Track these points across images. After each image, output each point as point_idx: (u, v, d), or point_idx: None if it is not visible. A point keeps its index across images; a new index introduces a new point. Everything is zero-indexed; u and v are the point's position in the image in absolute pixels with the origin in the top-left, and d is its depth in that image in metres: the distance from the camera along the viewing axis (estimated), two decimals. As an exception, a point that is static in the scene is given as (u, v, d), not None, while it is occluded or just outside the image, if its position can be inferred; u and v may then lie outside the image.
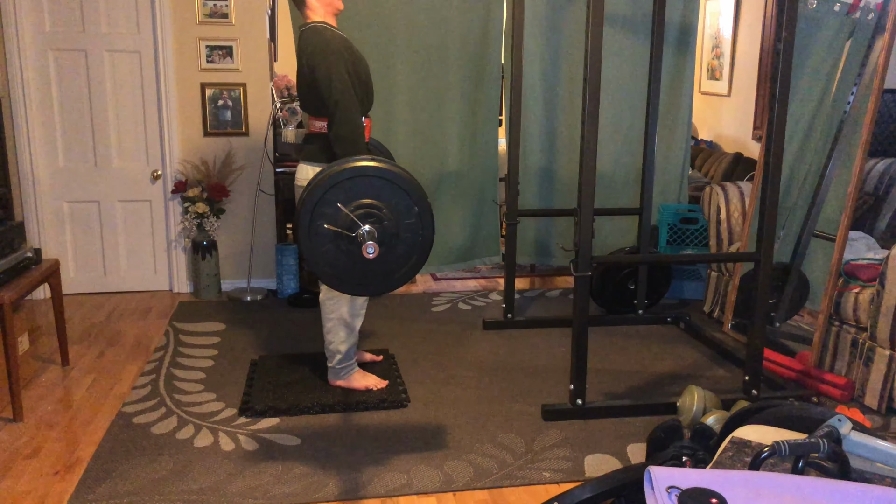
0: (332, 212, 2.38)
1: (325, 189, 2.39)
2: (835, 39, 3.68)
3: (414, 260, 2.51)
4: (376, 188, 2.42)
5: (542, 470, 2.67)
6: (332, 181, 2.39)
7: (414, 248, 2.50)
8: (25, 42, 4.33)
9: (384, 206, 2.42)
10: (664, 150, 4.53)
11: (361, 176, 2.41)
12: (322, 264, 2.44)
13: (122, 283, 4.75)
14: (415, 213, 2.46)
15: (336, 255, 2.43)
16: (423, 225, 2.48)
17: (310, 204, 2.39)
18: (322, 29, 3.08)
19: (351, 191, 2.40)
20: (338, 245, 2.42)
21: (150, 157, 4.62)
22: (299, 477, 2.60)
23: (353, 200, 2.40)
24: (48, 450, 2.79)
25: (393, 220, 2.43)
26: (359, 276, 2.47)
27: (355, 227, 2.38)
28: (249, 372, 3.49)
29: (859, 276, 3.36)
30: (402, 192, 2.44)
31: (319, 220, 2.39)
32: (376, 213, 2.41)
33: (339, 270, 2.46)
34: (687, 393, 3.02)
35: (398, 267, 2.50)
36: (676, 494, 1.36)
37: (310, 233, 2.40)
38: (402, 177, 2.44)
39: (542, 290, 4.96)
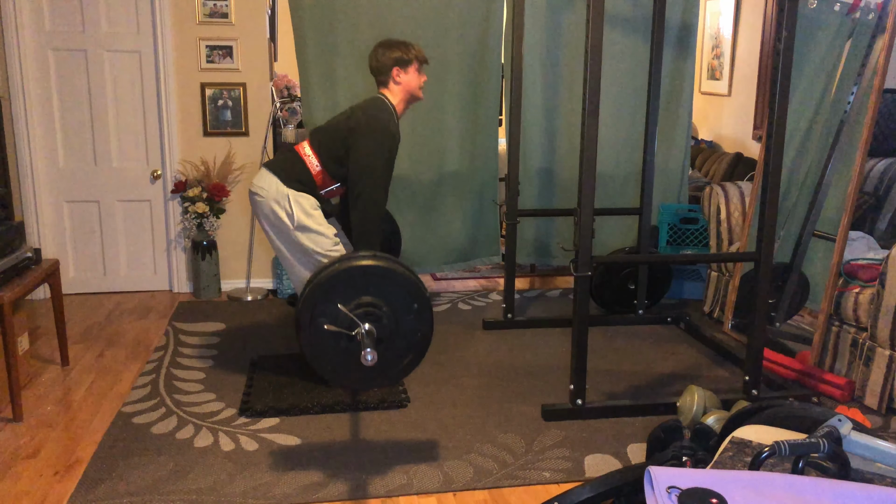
0: (332, 310, 2.45)
1: (325, 288, 2.45)
2: (835, 39, 3.68)
3: (411, 357, 2.58)
4: (376, 286, 2.48)
5: (542, 470, 2.67)
6: (333, 280, 2.45)
7: (412, 345, 2.56)
8: (25, 42, 4.33)
9: (384, 303, 2.48)
10: (664, 150, 4.53)
11: (363, 275, 2.48)
12: (320, 360, 2.51)
13: (122, 283, 4.75)
14: (414, 309, 2.52)
15: (334, 352, 2.50)
16: (421, 322, 2.54)
17: (311, 301, 2.45)
18: (388, 109, 3.18)
19: (352, 288, 2.47)
20: (338, 343, 2.48)
21: (150, 157, 4.62)
22: (299, 477, 2.60)
23: (354, 298, 2.46)
24: (48, 450, 2.79)
25: (392, 318, 2.49)
26: (355, 372, 2.54)
27: (354, 326, 2.44)
28: (249, 372, 3.48)
29: (859, 276, 3.36)
30: (401, 289, 2.50)
31: (320, 319, 2.45)
32: (375, 312, 2.47)
33: (337, 366, 2.53)
34: (687, 393, 3.02)
35: (395, 363, 2.57)
36: (676, 494, 1.36)
37: (310, 330, 2.47)
38: (402, 275, 2.51)
39: (542, 290, 4.96)
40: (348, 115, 3.21)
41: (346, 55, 4.10)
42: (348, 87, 4.13)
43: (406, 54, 3.22)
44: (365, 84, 4.13)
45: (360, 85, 4.13)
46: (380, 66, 3.23)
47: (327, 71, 4.10)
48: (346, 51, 4.09)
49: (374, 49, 3.26)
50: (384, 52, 3.22)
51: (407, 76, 3.24)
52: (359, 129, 3.08)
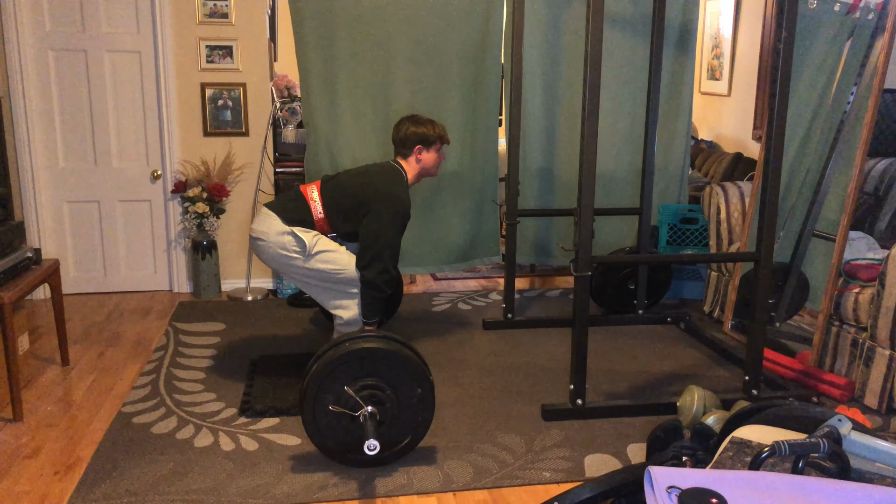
0: (337, 389, 2.52)
1: (332, 367, 2.52)
2: (835, 39, 3.68)
3: (408, 441, 2.64)
4: (383, 368, 2.55)
5: (542, 470, 2.67)
6: (340, 360, 2.52)
7: (412, 428, 2.63)
8: (25, 42, 4.33)
9: (388, 387, 2.55)
10: (664, 150, 4.53)
11: (371, 357, 2.54)
12: (323, 437, 2.58)
13: (122, 283, 4.75)
14: (417, 394, 2.59)
15: (336, 430, 2.56)
16: (423, 407, 2.62)
17: (317, 379, 2.51)
18: (403, 180, 3.26)
19: (357, 370, 2.54)
20: (340, 422, 2.55)
21: (150, 157, 4.62)
22: (299, 477, 2.60)
23: (359, 380, 2.53)
24: (48, 450, 2.79)
25: (395, 402, 2.57)
26: (353, 450, 2.59)
27: (358, 407, 2.50)
28: (249, 372, 3.49)
29: (859, 276, 3.36)
30: (407, 373, 2.57)
31: (325, 395, 2.52)
32: (379, 395, 2.54)
33: (337, 443, 2.59)
34: (687, 393, 3.02)
35: (394, 445, 2.63)
36: (676, 494, 1.36)
37: (314, 407, 2.53)
38: (409, 359, 2.57)
39: (542, 290, 4.96)
40: (366, 178, 3.27)
41: (346, 55, 4.09)
42: (348, 86, 4.13)
43: (431, 133, 3.33)
44: (365, 84, 4.13)
45: (359, 85, 4.13)
46: (404, 140, 3.33)
47: (327, 71, 4.10)
48: (346, 51, 4.09)
49: (402, 121, 3.36)
50: (409, 127, 3.32)
51: (428, 155, 3.36)
52: (377, 198, 3.16)
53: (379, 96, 4.15)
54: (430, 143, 3.34)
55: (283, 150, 4.66)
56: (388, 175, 3.26)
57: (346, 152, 4.16)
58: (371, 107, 4.16)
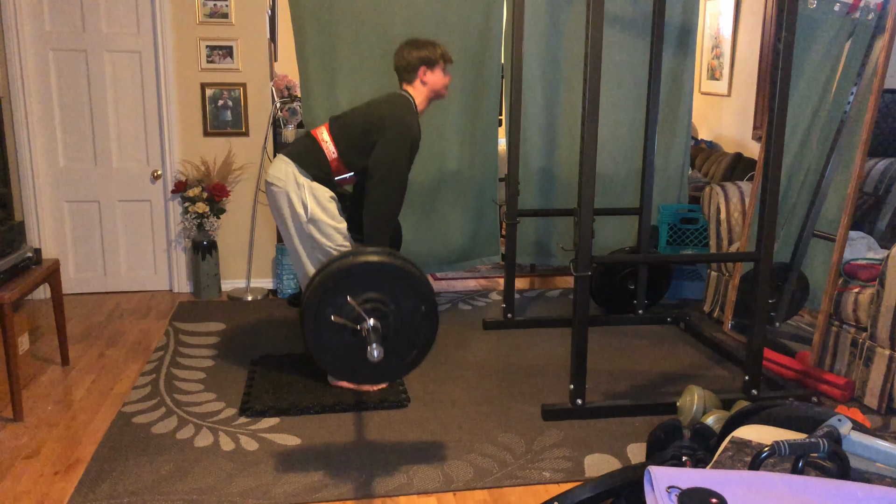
0: (340, 302, 2.42)
1: (336, 279, 2.42)
2: (835, 39, 3.68)
3: (412, 357, 2.55)
4: (386, 283, 2.45)
5: (542, 470, 2.67)
6: (344, 273, 2.42)
7: (414, 345, 2.53)
8: (25, 42, 4.33)
9: (391, 302, 2.46)
10: (664, 150, 4.53)
11: (373, 271, 2.45)
12: (323, 351, 2.48)
13: (122, 283, 4.75)
14: (421, 312, 2.49)
15: (338, 344, 2.46)
16: (427, 325, 2.52)
17: (319, 291, 2.42)
18: (411, 107, 3.17)
19: (361, 283, 2.43)
20: (341, 335, 2.45)
21: (151, 157, 4.62)
22: (299, 477, 2.60)
23: (362, 293, 2.43)
24: (48, 450, 2.79)
25: (398, 317, 2.47)
26: (356, 367, 2.51)
27: (360, 320, 2.41)
28: (249, 372, 3.49)
29: (859, 276, 3.36)
30: (412, 290, 2.47)
31: (327, 308, 2.42)
32: (382, 309, 2.44)
33: (339, 358, 2.49)
34: (687, 393, 3.02)
35: (396, 362, 2.54)
36: (676, 494, 1.36)
37: (316, 319, 2.43)
38: (413, 275, 2.48)
39: (542, 290, 4.96)
40: (372, 108, 3.20)
41: (346, 55, 4.09)
42: (348, 86, 4.13)
43: (433, 54, 3.23)
44: (365, 83, 4.13)
45: (360, 84, 4.13)
46: (406, 65, 3.23)
47: (327, 71, 4.10)
48: (346, 50, 4.09)
49: (401, 48, 3.26)
50: (411, 51, 3.22)
51: (433, 76, 3.25)
52: (384, 125, 3.08)
53: (379, 95, 4.15)
54: (433, 64, 3.23)
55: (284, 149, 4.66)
56: (395, 102, 3.18)
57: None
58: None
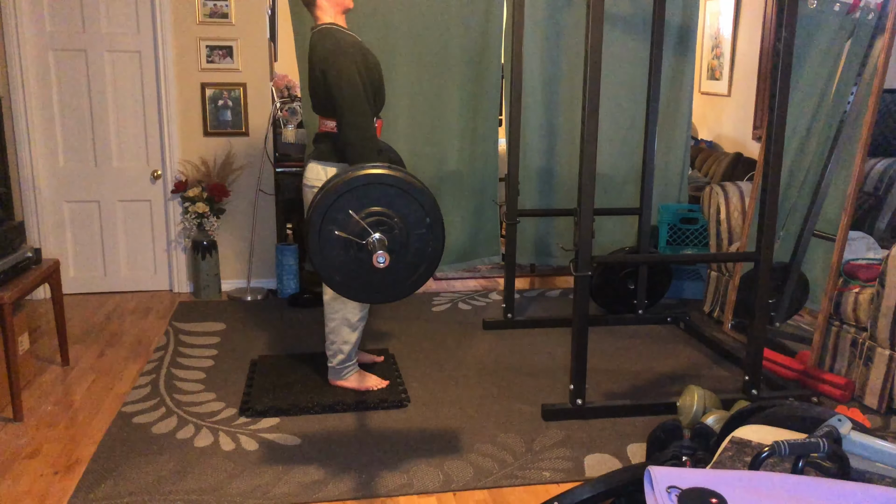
0: (343, 218, 2.36)
1: (336, 195, 2.35)
2: (835, 39, 3.68)
3: (422, 269, 2.48)
4: (389, 196, 2.38)
5: (542, 470, 2.67)
6: (345, 187, 2.36)
7: (423, 258, 2.46)
8: (26, 42, 4.33)
9: (395, 215, 2.39)
10: (664, 150, 4.53)
11: (374, 184, 2.38)
12: (330, 270, 2.41)
13: (122, 283, 4.75)
14: (426, 223, 2.43)
15: (345, 261, 2.40)
16: (433, 236, 2.45)
17: (321, 209, 2.36)
18: (334, 31, 3.04)
19: (363, 198, 2.37)
20: (347, 252, 2.39)
21: (151, 157, 4.62)
22: (299, 477, 2.60)
23: (365, 208, 2.36)
24: (48, 450, 2.79)
25: (404, 230, 2.40)
26: (366, 284, 2.45)
27: (365, 235, 2.35)
28: (249, 372, 3.49)
29: (859, 276, 3.36)
30: (415, 201, 2.40)
31: (330, 226, 2.36)
32: (387, 222, 2.38)
33: (347, 277, 2.43)
34: (687, 393, 3.02)
35: (406, 276, 2.47)
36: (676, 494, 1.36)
37: (320, 238, 2.37)
38: (415, 186, 2.41)
39: (542, 290, 4.97)
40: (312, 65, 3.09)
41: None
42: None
43: None
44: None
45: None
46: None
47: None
48: (346, 51, 4.08)
49: None
50: None
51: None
52: (324, 65, 2.97)
53: None
54: None
55: (284, 150, 4.66)
56: (319, 39, 3.05)
57: (346, 152, 4.15)
58: (371, 106, 4.15)
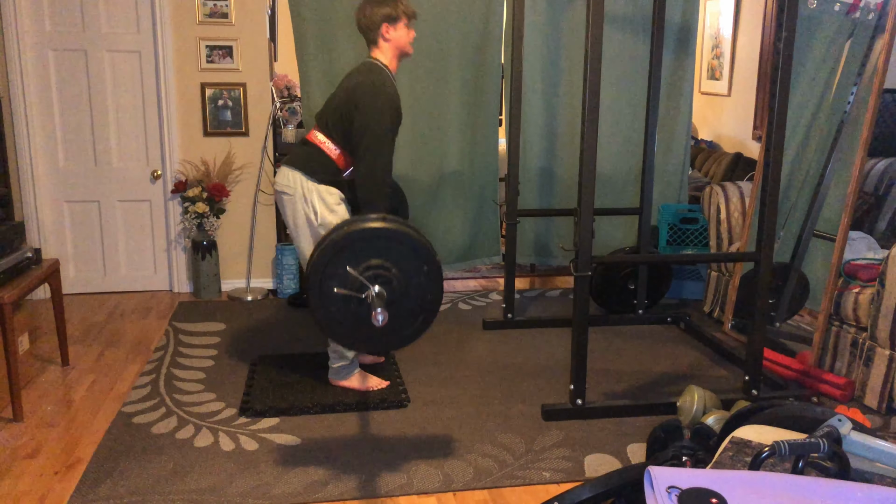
0: (342, 273, 2.41)
1: (335, 251, 2.40)
2: (835, 39, 3.68)
3: (421, 319, 2.54)
4: (386, 248, 2.44)
5: (542, 470, 2.67)
6: (343, 243, 2.41)
7: (422, 307, 2.52)
8: (25, 42, 4.33)
9: (393, 266, 2.44)
10: (664, 150, 4.53)
11: (372, 237, 2.44)
12: (331, 324, 2.48)
13: (122, 283, 4.75)
14: (423, 272, 2.48)
15: (345, 315, 2.45)
16: (431, 285, 2.50)
17: (320, 265, 2.41)
18: (384, 72, 3.10)
19: (361, 251, 2.42)
20: (347, 306, 2.44)
21: (150, 157, 4.62)
22: (299, 477, 2.60)
23: (363, 261, 2.42)
24: (48, 450, 2.79)
25: (402, 281, 2.45)
26: (368, 335, 2.50)
27: (364, 289, 2.40)
28: (249, 372, 3.49)
29: (859, 276, 3.36)
30: (412, 252, 2.46)
31: (330, 282, 2.41)
32: (385, 274, 2.43)
33: (348, 329, 2.49)
34: (687, 393, 3.02)
35: (406, 325, 2.53)
36: (676, 494, 1.36)
37: (321, 294, 2.42)
38: (412, 237, 2.46)
39: (542, 289, 4.96)
40: (343, 85, 3.14)
41: (346, 55, 4.09)
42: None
43: (394, 10, 3.12)
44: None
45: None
46: (369, 24, 3.12)
47: (327, 70, 4.10)
48: (346, 50, 4.09)
49: (362, 6, 3.14)
50: (372, 8, 3.11)
51: (396, 32, 3.13)
52: (357, 95, 3.01)
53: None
54: (395, 20, 3.12)
55: (284, 150, 4.66)
56: (364, 71, 3.10)
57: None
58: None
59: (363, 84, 3.03)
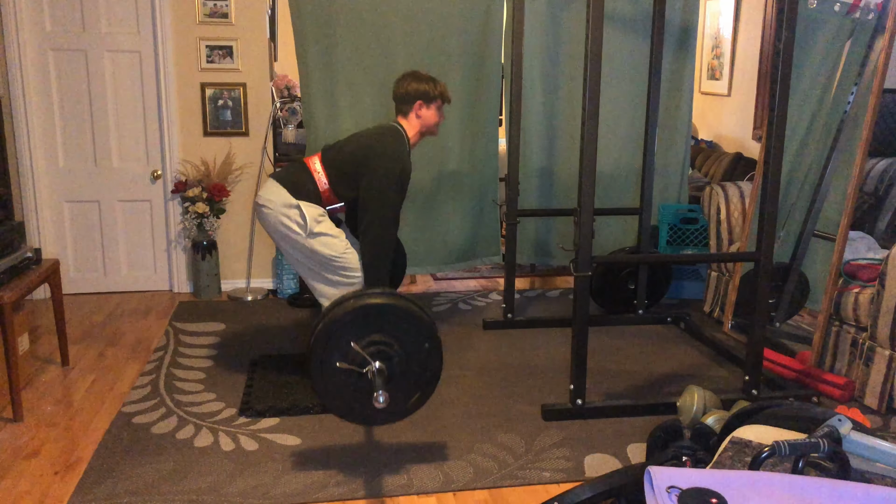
0: (344, 346, 2.46)
1: (339, 325, 2.45)
2: (835, 39, 3.68)
3: (418, 395, 2.58)
4: (389, 324, 2.49)
5: (542, 470, 2.67)
6: (348, 317, 2.45)
7: (421, 382, 2.56)
8: (25, 42, 4.33)
9: (395, 341, 2.49)
10: (664, 150, 4.53)
11: (377, 313, 2.49)
12: (331, 397, 2.52)
13: (122, 283, 4.75)
14: (425, 349, 2.53)
15: (345, 388, 2.50)
16: (431, 360, 2.55)
17: (322, 339, 2.45)
18: (402, 140, 3.18)
19: (364, 326, 2.47)
20: (347, 379, 2.48)
21: (150, 157, 4.62)
22: (299, 477, 2.60)
23: (366, 335, 2.47)
24: (48, 450, 2.79)
25: (403, 356, 2.50)
26: (363, 408, 2.54)
27: (366, 364, 2.44)
28: (249, 372, 3.49)
29: (859, 276, 3.36)
30: (414, 328, 2.51)
31: (332, 356, 2.46)
32: (386, 350, 2.47)
33: (347, 402, 2.53)
34: (687, 393, 3.02)
35: (405, 400, 2.57)
36: (676, 494, 1.36)
37: (322, 366, 2.47)
38: (414, 314, 2.50)
39: (543, 290, 4.96)
40: (363, 139, 3.21)
41: (346, 55, 4.09)
42: (349, 86, 4.13)
43: (432, 90, 3.26)
44: (365, 82, 4.13)
45: (360, 83, 4.13)
46: (404, 96, 3.26)
47: (328, 71, 4.10)
48: (346, 51, 4.09)
49: (403, 77, 3.30)
50: (411, 83, 3.25)
51: (428, 112, 3.28)
52: (372, 156, 3.09)
53: (379, 96, 4.15)
54: (430, 100, 3.26)
55: (284, 150, 4.66)
56: (387, 135, 3.19)
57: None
58: (371, 106, 4.16)
59: (383, 150, 3.11)
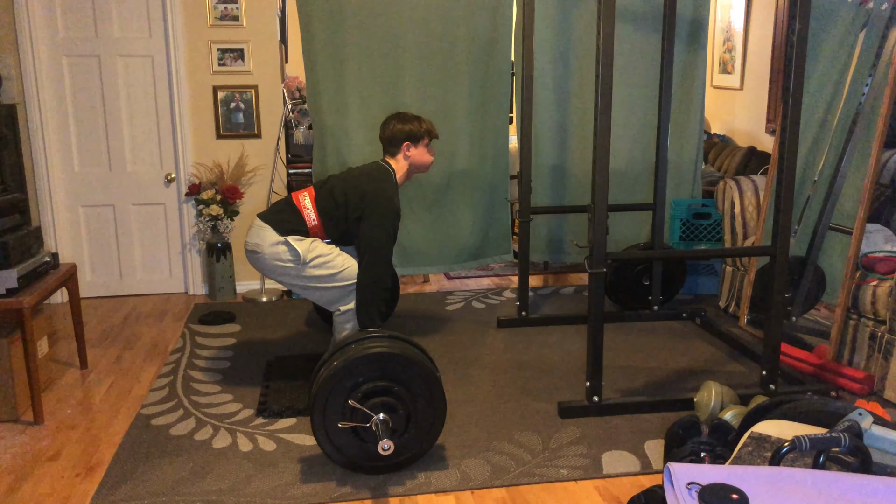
0: (343, 403, 2.50)
1: (338, 379, 2.48)
2: (848, 31, 3.65)
3: (424, 445, 2.62)
4: (389, 371, 2.52)
5: (559, 467, 2.66)
6: (346, 368, 2.48)
7: (424, 430, 2.60)
8: (40, 49, 4.37)
9: (396, 385, 2.52)
10: (677, 145, 4.51)
11: (378, 361, 2.51)
12: (336, 453, 2.57)
13: (138, 286, 4.78)
14: (426, 396, 2.57)
15: (349, 442, 2.54)
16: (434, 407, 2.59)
17: (323, 394, 2.49)
18: (392, 180, 3.24)
19: (366, 374, 2.51)
20: (354, 435, 2.52)
21: (164, 161, 4.65)
22: (318, 476, 2.62)
23: (367, 384, 2.50)
24: (69, 452, 2.82)
25: (405, 403, 2.53)
26: (369, 459, 2.58)
27: (368, 418, 2.48)
28: (265, 373, 3.50)
29: (877, 268, 3.33)
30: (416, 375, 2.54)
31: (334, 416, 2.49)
32: (389, 401, 2.51)
33: (352, 455, 2.58)
34: (704, 388, 3.00)
35: (408, 449, 2.61)
36: (697, 491, 1.36)
37: (324, 419, 2.51)
38: (415, 359, 2.53)
39: (556, 287, 4.96)
40: (354, 180, 3.24)
41: (354, 54, 4.10)
42: (356, 85, 4.13)
43: (418, 129, 3.30)
44: (373, 83, 4.13)
45: (368, 83, 4.13)
46: (391, 138, 3.31)
47: (335, 70, 4.10)
48: (354, 52, 4.09)
49: (388, 120, 3.35)
50: (396, 125, 3.30)
51: (417, 151, 3.32)
52: (367, 201, 3.13)
53: (388, 95, 4.15)
54: (417, 140, 3.30)
55: (296, 151, 4.68)
56: (377, 176, 3.22)
57: (354, 151, 4.16)
58: (380, 106, 4.16)
59: (379, 194, 3.15)
